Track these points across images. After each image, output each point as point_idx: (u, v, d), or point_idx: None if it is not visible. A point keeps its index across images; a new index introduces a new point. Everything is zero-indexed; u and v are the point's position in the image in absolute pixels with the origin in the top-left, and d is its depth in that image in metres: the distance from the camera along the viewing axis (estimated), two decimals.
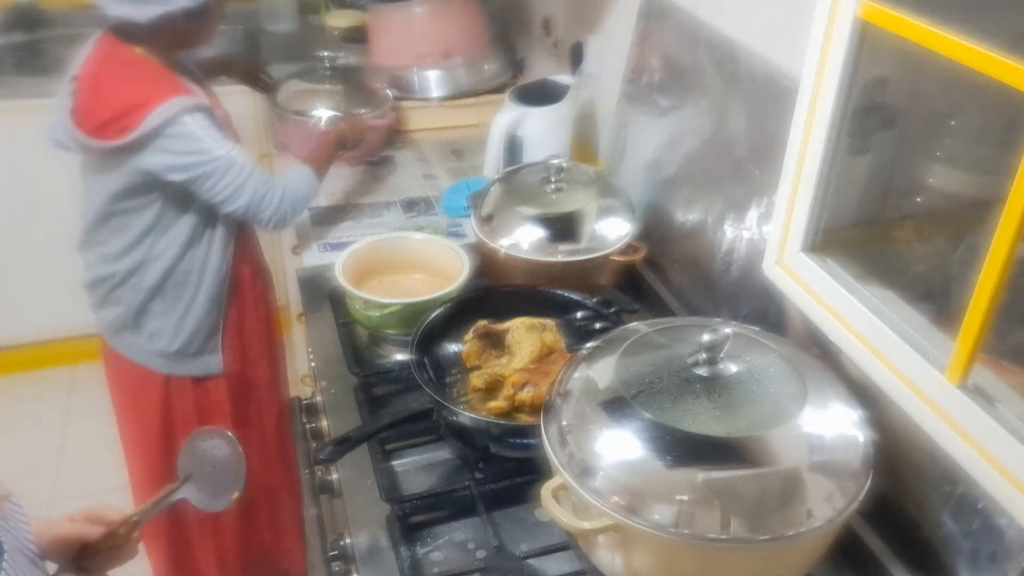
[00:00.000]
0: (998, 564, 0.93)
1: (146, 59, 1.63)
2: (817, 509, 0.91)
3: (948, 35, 0.90)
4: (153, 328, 1.81)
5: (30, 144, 2.63)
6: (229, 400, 1.93)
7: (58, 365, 3.02)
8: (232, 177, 1.63)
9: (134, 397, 1.92)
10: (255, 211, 1.69)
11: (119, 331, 1.83)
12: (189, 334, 1.81)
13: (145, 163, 1.60)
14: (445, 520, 1.19)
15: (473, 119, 2.40)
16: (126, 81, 1.60)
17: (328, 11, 3.04)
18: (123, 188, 1.67)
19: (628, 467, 0.94)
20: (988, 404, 0.93)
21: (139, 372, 1.86)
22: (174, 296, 1.78)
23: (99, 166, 1.68)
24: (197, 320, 1.81)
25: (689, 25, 1.57)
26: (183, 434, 1.84)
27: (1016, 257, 0.86)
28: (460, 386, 1.34)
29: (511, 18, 2.65)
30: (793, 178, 1.20)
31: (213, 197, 1.65)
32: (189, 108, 1.58)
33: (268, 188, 1.68)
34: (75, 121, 1.61)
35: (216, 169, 1.61)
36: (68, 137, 1.65)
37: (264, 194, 1.68)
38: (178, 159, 1.60)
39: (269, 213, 1.70)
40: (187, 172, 1.61)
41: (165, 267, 1.75)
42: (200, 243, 1.75)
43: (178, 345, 1.81)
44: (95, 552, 1.08)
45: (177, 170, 1.61)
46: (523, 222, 1.58)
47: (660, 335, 1.10)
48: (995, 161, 0.90)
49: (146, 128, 1.54)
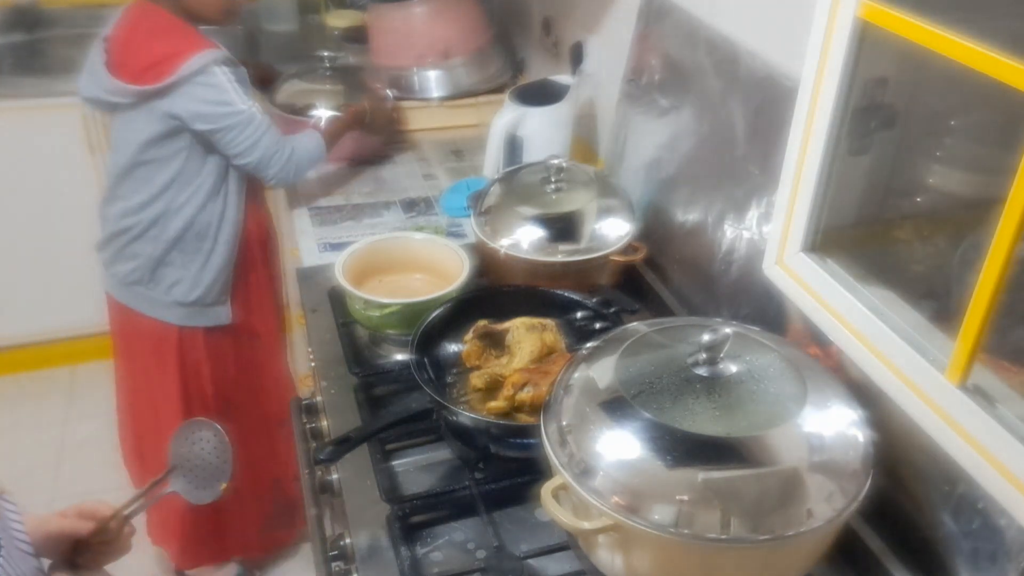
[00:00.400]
0: (998, 564, 0.93)
1: (171, 17, 1.76)
2: (817, 509, 0.91)
3: (948, 35, 0.90)
4: (172, 279, 1.91)
5: (30, 144, 2.66)
6: (233, 349, 2.05)
7: (58, 365, 3.03)
8: (251, 132, 1.77)
9: (147, 352, 2.01)
10: (264, 167, 1.82)
11: (132, 285, 1.93)
12: (207, 285, 1.92)
13: (176, 108, 1.73)
14: (445, 520, 1.19)
15: (473, 119, 2.40)
16: (163, 33, 1.76)
17: (328, 11, 3.04)
18: (152, 136, 1.78)
19: (628, 467, 0.94)
20: (988, 404, 0.93)
21: (151, 326, 1.96)
22: (194, 247, 1.89)
23: (131, 116, 1.80)
24: (215, 271, 1.92)
25: (689, 25, 1.57)
26: (195, 385, 2.00)
27: (1016, 257, 0.86)
28: (460, 386, 1.34)
29: (511, 18, 2.65)
30: (793, 178, 1.20)
31: (230, 149, 1.78)
32: (219, 60, 1.73)
33: (279, 147, 1.82)
34: (112, 73, 1.75)
35: (238, 123, 1.75)
36: (102, 90, 1.78)
37: (274, 152, 1.81)
38: (204, 107, 1.74)
39: (275, 170, 1.84)
40: (211, 122, 1.75)
41: (188, 218, 1.86)
42: (219, 195, 1.87)
43: (195, 295, 1.92)
44: (87, 548, 1.08)
45: (202, 119, 1.75)
46: (523, 222, 1.58)
47: (660, 335, 1.10)
48: (995, 161, 0.90)
49: (181, 74, 1.69)
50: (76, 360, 3.02)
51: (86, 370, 3.01)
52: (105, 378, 2.21)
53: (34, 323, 2.93)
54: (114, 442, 2.25)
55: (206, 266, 1.91)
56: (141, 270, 1.90)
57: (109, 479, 2.27)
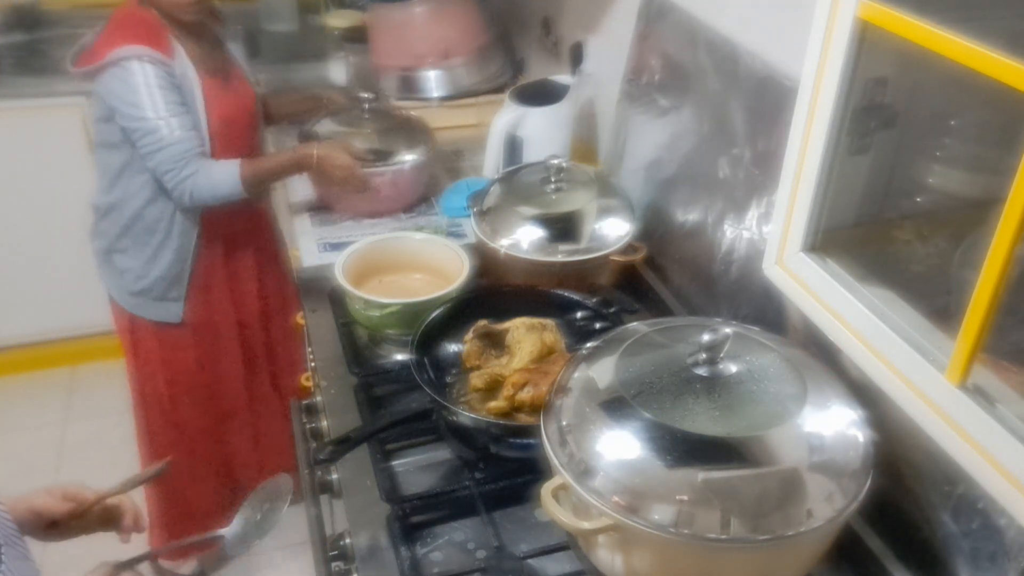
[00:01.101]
0: (998, 564, 0.93)
1: (146, 13, 1.74)
2: (817, 509, 0.91)
3: (948, 35, 0.90)
4: (122, 265, 1.93)
5: (30, 144, 2.66)
6: (193, 347, 2.04)
7: (58, 365, 3.02)
8: (149, 141, 1.72)
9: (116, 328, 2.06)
10: (160, 180, 1.77)
11: (100, 263, 1.97)
12: (154, 279, 1.92)
13: (100, 94, 1.73)
14: (445, 520, 1.19)
15: (473, 119, 2.39)
16: (115, 27, 1.74)
17: (328, 11, 3.04)
18: (99, 116, 1.80)
19: (628, 467, 0.94)
20: (988, 404, 0.93)
21: (114, 304, 2.00)
22: (143, 240, 1.89)
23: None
24: (164, 266, 1.91)
25: (689, 25, 1.57)
26: (147, 375, 2.05)
27: (1016, 257, 0.86)
28: (460, 386, 1.34)
29: (511, 18, 2.65)
30: (793, 178, 1.20)
31: (138, 150, 1.75)
32: (143, 57, 1.68)
33: (176, 166, 1.73)
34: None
35: (138, 128, 1.71)
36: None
37: (168, 170, 1.74)
38: (114, 101, 1.71)
39: (170, 187, 1.76)
40: (120, 119, 1.73)
41: (136, 209, 1.85)
42: (165, 196, 1.83)
43: (141, 286, 1.92)
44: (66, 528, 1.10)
45: (115, 112, 1.73)
46: (523, 222, 1.58)
47: (660, 335, 1.10)
48: (995, 161, 0.90)
49: (103, 62, 1.68)
50: (76, 360, 3.02)
51: (86, 370, 3.01)
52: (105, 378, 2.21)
53: (34, 323, 2.93)
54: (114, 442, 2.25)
55: (154, 260, 1.89)
56: (104, 249, 1.94)
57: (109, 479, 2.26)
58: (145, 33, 1.71)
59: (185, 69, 1.75)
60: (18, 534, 0.98)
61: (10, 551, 0.93)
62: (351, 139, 1.92)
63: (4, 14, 2.95)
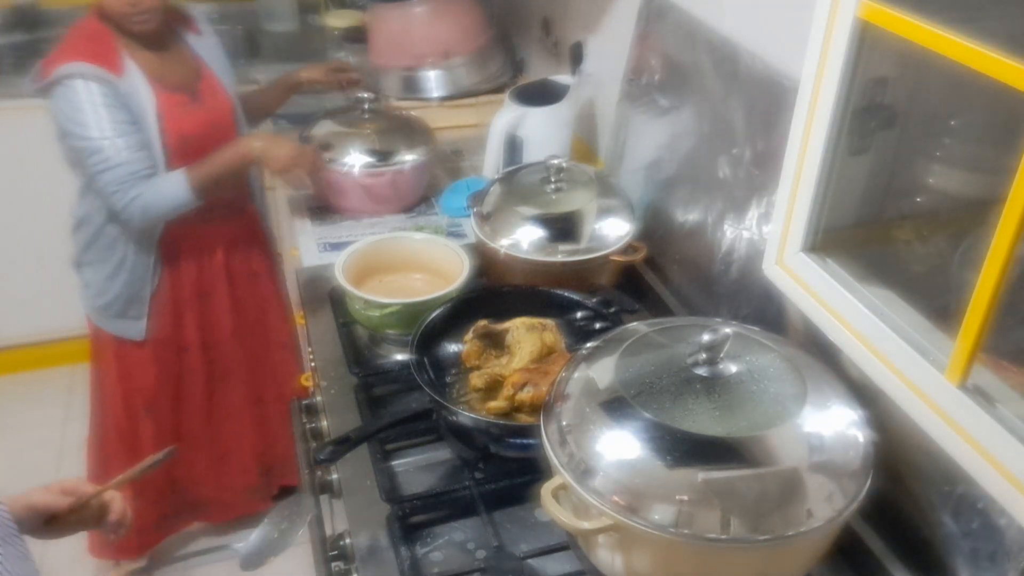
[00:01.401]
0: (998, 564, 0.93)
1: (98, 26, 1.71)
2: (817, 509, 0.91)
3: (948, 35, 0.90)
4: (86, 279, 1.93)
5: (30, 144, 2.65)
6: (153, 364, 2.01)
7: (58, 365, 3.02)
8: (95, 161, 1.66)
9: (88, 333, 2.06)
10: (107, 201, 1.72)
11: (73, 272, 1.96)
12: (114, 295, 1.91)
13: (50, 110, 1.68)
14: (445, 520, 1.19)
15: (473, 119, 2.40)
16: (66, 42, 1.70)
17: (328, 11, 3.04)
18: (55, 132, 1.72)
19: (628, 467, 0.94)
20: (988, 404, 0.93)
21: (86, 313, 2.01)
22: (103, 257, 1.88)
23: None
24: (123, 285, 1.90)
25: (689, 25, 1.57)
26: (104, 384, 2.06)
27: (1016, 257, 0.86)
28: (460, 386, 1.34)
29: (511, 18, 2.65)
30: (793, 178, 1.20)
31: (86, 170, 1.71)
32: (87, 75, 1.64)
33: (122, 187, 1.67)
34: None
35: (85, 148, 1.66)
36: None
37: (114, 191, 1.68)
38: (61, 120, 1.67)
39: (119, 208, 1.70)
40: (67, 139, 1.68)
41: (98, 225, 1.84)
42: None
43: (102, 302, 1.92)
44: (64, 523, 1.10)
45: (59, 132, 1.69)
46: (523, 222, 1.58)
47: (660, 335, 1.10)
48: (995, 161, 0.90)
49: (49, 80, 1.64)
50: (76, 360, 3.00)
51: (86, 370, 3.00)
52: None
53: (34, 323, 2.93)
54: None
55: (114, 278, 1.88)
56: (73, 262, 1.94)
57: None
58: (92, 50, 1.66)
59: (136, 86, 1.69)
60: (17, 533, 0.98)
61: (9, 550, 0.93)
62: (351, 139, 1.92)
63: (4, 14, 2.94)
